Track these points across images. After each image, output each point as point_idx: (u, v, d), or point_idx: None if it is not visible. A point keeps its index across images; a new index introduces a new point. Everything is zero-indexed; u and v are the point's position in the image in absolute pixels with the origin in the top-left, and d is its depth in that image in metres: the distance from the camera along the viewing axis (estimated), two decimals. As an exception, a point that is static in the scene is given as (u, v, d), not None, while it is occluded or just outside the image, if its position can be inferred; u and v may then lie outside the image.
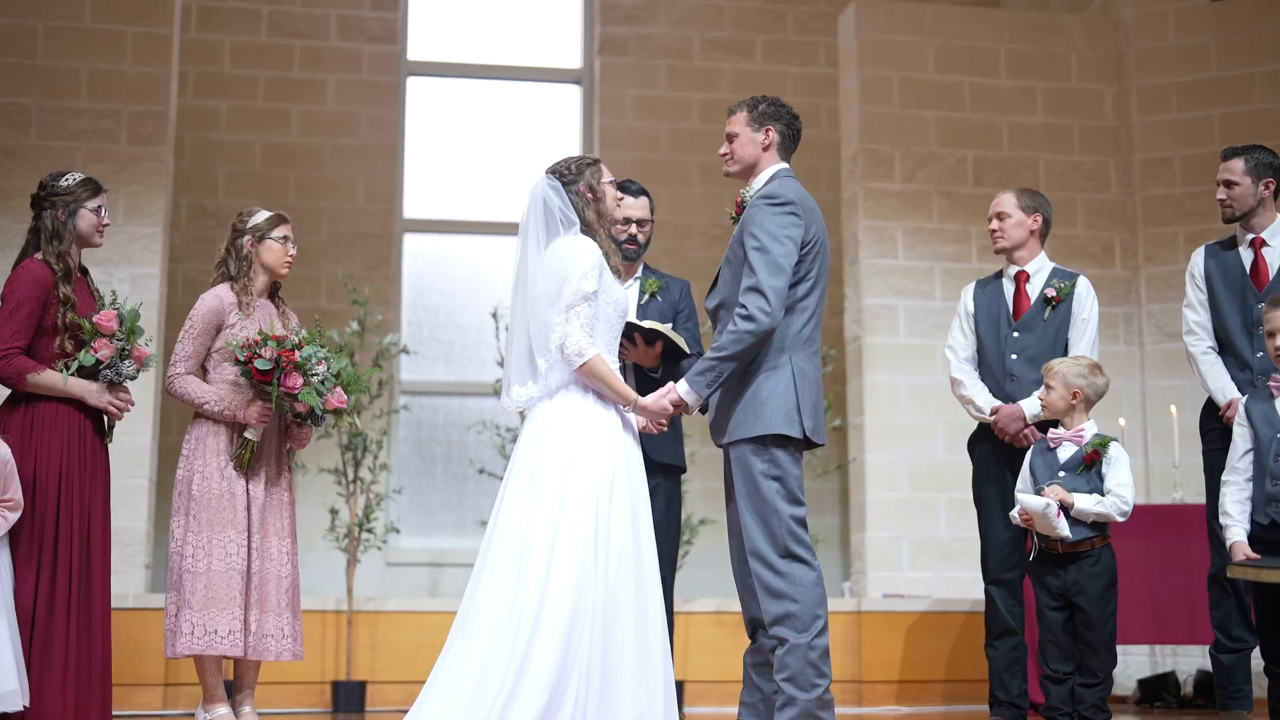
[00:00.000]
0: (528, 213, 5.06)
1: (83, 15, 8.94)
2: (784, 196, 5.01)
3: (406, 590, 10.46)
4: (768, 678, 5.00)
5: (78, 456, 5.39)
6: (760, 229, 4.95)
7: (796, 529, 4.91)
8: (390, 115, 11.25)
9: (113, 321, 5.36)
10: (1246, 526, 5.41)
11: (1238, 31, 9.67)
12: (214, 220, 10.59)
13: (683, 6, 11.62)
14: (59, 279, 5.39)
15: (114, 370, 5.39)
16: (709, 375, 4.92)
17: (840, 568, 10.71)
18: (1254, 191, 6.15)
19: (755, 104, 5.21)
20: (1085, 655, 5.59)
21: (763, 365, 4.95)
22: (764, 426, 4.91)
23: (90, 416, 5.45)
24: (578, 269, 4.90)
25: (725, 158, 5.24)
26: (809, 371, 5.00)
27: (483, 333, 10.86)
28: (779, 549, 4.89)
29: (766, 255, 4.91)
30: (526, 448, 4.94)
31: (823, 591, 4.93)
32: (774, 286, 4.88)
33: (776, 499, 4.90)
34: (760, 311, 4.85)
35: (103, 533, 5.44)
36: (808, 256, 5.00)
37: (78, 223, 5.49)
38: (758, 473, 4.93)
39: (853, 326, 9.71)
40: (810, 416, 4.96)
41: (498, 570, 4.80)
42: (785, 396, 4.92)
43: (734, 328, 4.88)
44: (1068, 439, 5.66)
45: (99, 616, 5.36)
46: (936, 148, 9.81)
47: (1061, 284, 6.28)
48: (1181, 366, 7.71)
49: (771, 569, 4.89)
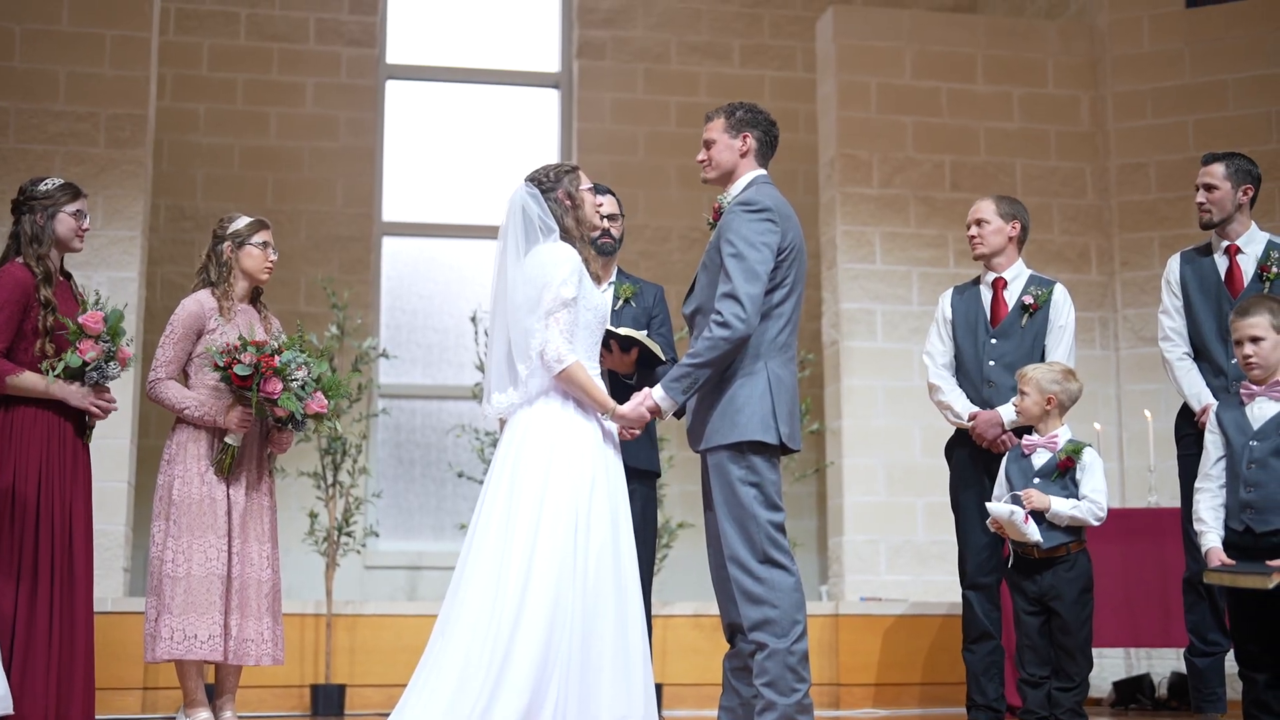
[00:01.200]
0: (507, 220, 5.08)
1: (61, 18, 8.93)
2: (761, 203, 5.03)
3: (385, 594, 10.46)
4: (746, 682, 5.02)
5: (58, 459, 5.39)
6: (737, 235, 4.97)
7: (775, 534, 4.93)
8: (369, 118, 11.25)
9: (99, 323, 5.36)
10: (1221, 533, 5.46)
11: (1212, 38, 9.73)
12: (192, 223, 10.58)
13: (660, 10, 11.65)
14: (40, 282, 5.40)
15: (100, 372, 5.40)
16: (685, 381, 4.93)
17: (818, 571, 10.74)
18: (1233, 197, 6.19)
19: (733, 110, 5.24)
20: (1062, 659, 5.63)
21: (739, 372, 4.97)
22: (740, 433, 4.93)
23: (70, 419, 5.45)
24: (557, 275, 4.92)
25: (703, 164, 5.26)
26: (785, 378, 5.02)
27: (461, 336, 10.87)
28: (757, 555, 4.91)
29: (743, 262, 4.93)
30: (507, 453, 4.96)
31: (801, 597, 4.95)
32: (750, 293, 4.90)
33: (754, 505, 4.93)
34: (736, 318, 4.87)
35: (84, 536, 5.44)
36: (784, 263, 5.03)
37: (56, 227, 5.50)
38: (735, 479, 4.95)
39: (830, 331, 9.74)
40: (786, 423, 4.98)
41: (478, 573, 4.82)
42: (761, 403, 4.94)
43: (709, 334, 4.89)
44: (1042, 445, 5.70)
45: (81, 620, 5.36)
46: (914, 153, 9.85)
47: (1039, 291, 6.32)
48: (1157, 371, 7.76)
49: (750, 574, 4.91)
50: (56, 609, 5.29)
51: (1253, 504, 5.35)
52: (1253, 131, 9.45)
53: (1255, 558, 5.32)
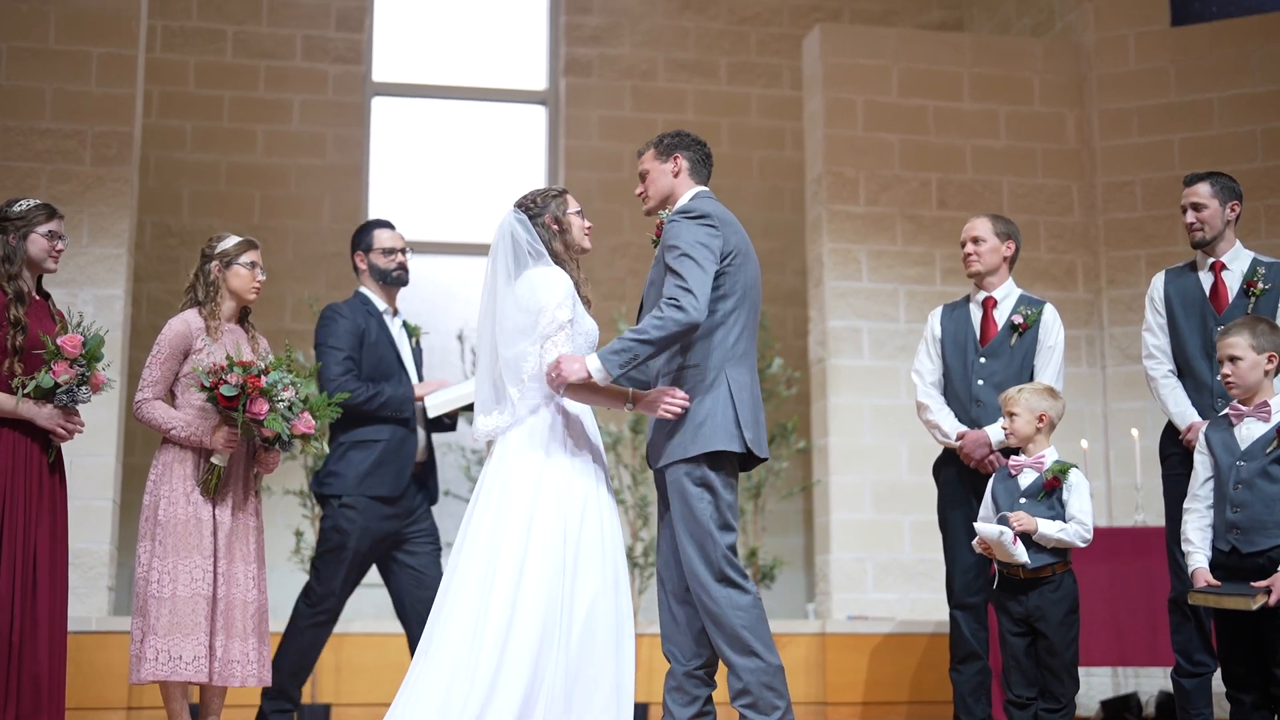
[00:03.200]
0: (496, 245, 5.13)
1: (47, 36, 8.91)
2: (700, 210, 5.09)
3: (370, 612, 10.41)
4: (682, 703, 5.08)
5: (22, 480, 5.35)
6: (680, 240, 5.00)
7: (730, 554, 4.97)
8: (356, 135, 11.26)
9: (77, 347, 5.34)
10: (1208, 553, 5.47)
11: (1196, 57, 9.77)
12: (178, 240, 10.57)
13: (647, 28, 11.67)
14: (11, 302, 5.39)
15: (70, 395, 5.38)
16: (623, 355, 4.89)
17: (804, 589, 10.74)
18: (1222, 214, 6.19)
19: (660, 140, 5.32)
20: (1048, 680, 5.62)
21: (699, 385, 5.00)
22: (703, 444, 4.96)
23: (37, 439, 5.43)
24: (551, 299, 4.96)
25: (641, 196, 5.34)
26: (746, 384, 5.05)
27: (448, 354, 10.84)
28: (715, 574, 4.94)
29: (689, 259, 4.95)
30: (496, 472, 4.97)
31: (761, 614, 4.98)
32: (701, 282, 4.92)
33: (711, 524, 4.96)
34: (691, 305, 4.88)
35: (50, 555, 5.39)
36: (730, 269, 5.06)
37: (29, 247, 5.48)
38: (692, 496, 4.98)
39: (817, 348, 9.75)
40: (751, 429, 5.01)
41: (463, 592, 4.83)
42: (724, 413, 4.98)
43: (660, 314, 4.89)
44: (1029, 466, 5.70)
45: (45, 642, 5.31)
46: (900, 170, 9.87)
47: (1029, 311, 6.34)
48: (1143, 389, 7.77)
49: (709, 594, 4.94)
50: (16, 630, 5.25)
51: (1239, 525, 5.36)
52: (1237, 150, 9.49)
53: (1241, 578, 5.33)
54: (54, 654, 5.35)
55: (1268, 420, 5.43)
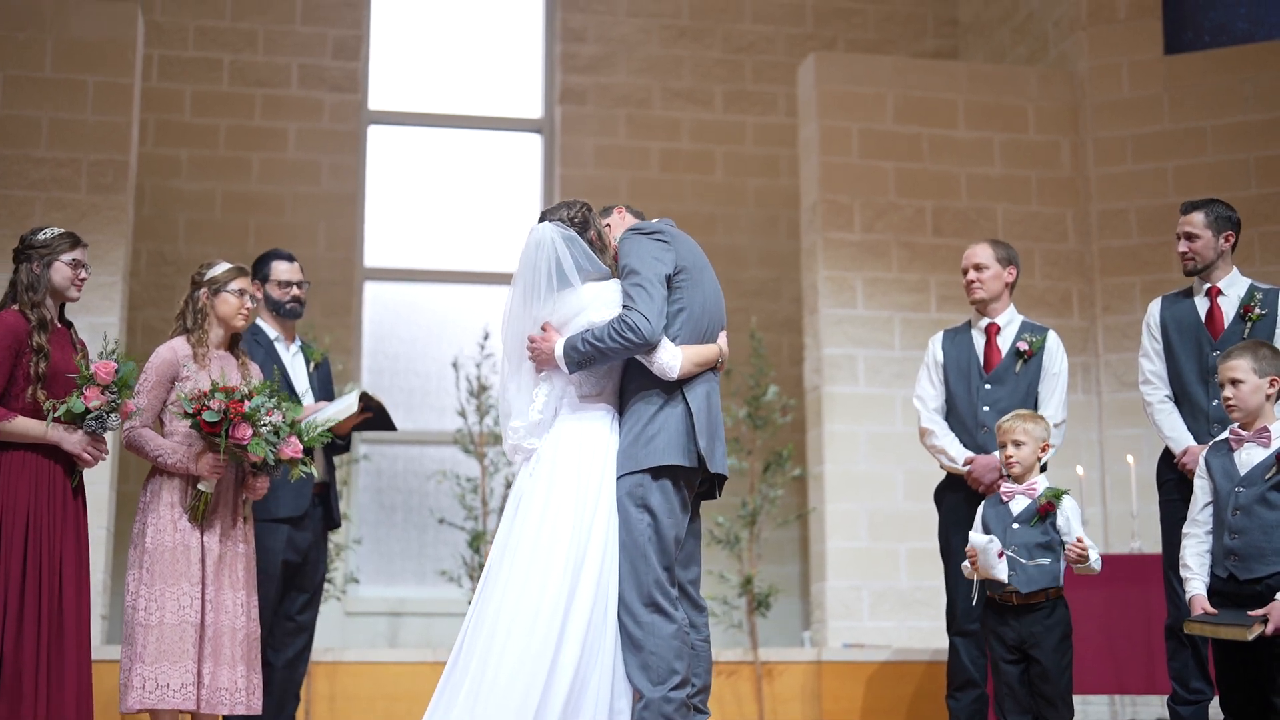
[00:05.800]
0: (534, 257, 5.16)
1: (44, 65, 8.93)
2: (650, 226, 5.19)
3: (365, 640, 10.40)
4: None
5: (46, 505, 5.37)
6: (632, 256, 5.09)
7: (663, 579, 4.95)
8: (351, 163, 11.26)
9: (110, 373, 5.36)
10: (1206, 580, 5.44)
11: (1190, 85, 9.79)
12: (174, 268, 10.55)
13: (642, 56, 11.69)
14: (34, 329, 5.41)
15: (99, 421, 5.39)
16: (575, 355, 5.02)
17: (800, 617, 10.70)
18: (1215, 245, 6.20)
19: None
20: (1042, 708, 5.59)
21: (655, 400, 5.04)
22: (653, 458, 4.99)
23: (61, 463, 5.44)
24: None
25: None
26: (702, 394, 5.09)
27: (443, 381, 10.84)
28: (644, 598, 4.93)
29: (639, 277, 5.03)
30: (540, 473, 5.07)
31: (681, 645, 4.95)
32: (656, 303, 4.99)
33: (648, 546, 4.96)
34: (645, 327, 4.94)
35: (75, 582, 5.41)
36: (683, 284, 5.13)
37: (52, 275, 5.54)
38: (631, 517, 4.99)
39: (812, 376, 9.74)
40: (705, 438, 5.04)
41: (518, 587, 4.91)
42: (678, 427, 5.02)
43: (617, 327, 4.96)
44: (1021, 492, 5.69)
45: (72, 668, 5.32)
46: (895, 198, 9.87)
47: (1033, 338, 6.36)
48: (1139, 416, 7.76)
49: (633, 618, 4.93)
50: (44, 657, 5.25)
51: (1237, 551, 5.34)
52: (1231, 177, 9.50)
53: (1239, 605, 5.29)
54: (80, 682, 5.35)
55: (1268, 446, 5.40)
